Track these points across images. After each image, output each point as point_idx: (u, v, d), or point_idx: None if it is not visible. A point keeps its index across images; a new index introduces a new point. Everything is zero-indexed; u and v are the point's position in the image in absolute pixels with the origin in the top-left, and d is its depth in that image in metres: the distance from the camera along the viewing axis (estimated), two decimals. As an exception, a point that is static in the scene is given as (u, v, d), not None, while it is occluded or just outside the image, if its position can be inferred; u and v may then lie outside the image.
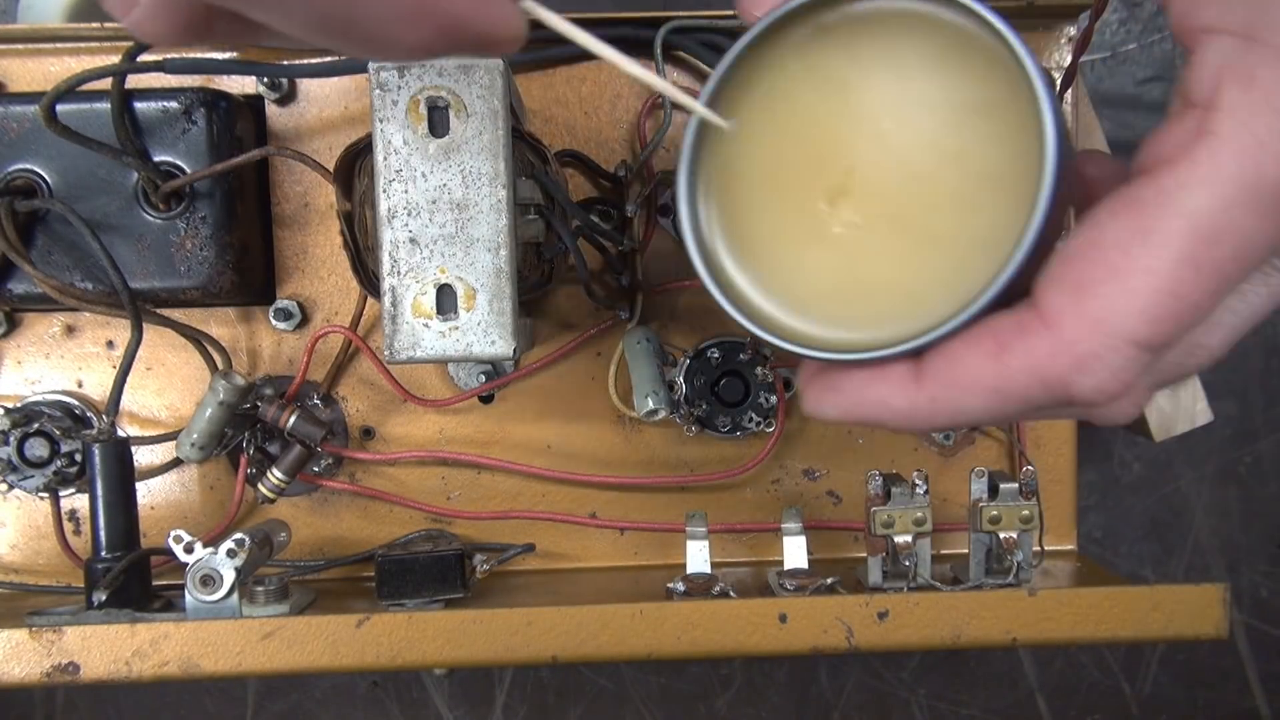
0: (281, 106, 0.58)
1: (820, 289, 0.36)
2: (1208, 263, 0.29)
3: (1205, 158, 0.29)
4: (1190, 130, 0.29)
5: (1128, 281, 0.29)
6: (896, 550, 0.52)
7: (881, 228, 0.35)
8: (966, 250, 0.33)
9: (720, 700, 0.70)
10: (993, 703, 0.71)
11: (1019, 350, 0.30)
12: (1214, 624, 0.48)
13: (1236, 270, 0.29)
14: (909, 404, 0.33)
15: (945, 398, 0.32)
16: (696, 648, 0.48)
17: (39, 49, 0.57)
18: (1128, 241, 0.29)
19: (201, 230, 0.53)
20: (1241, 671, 0.71)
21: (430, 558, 0.53)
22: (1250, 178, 0.28)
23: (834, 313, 0.36)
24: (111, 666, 0.48)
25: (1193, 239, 0.29)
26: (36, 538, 0.60)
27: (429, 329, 0.47)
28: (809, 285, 0.36)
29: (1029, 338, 0.30)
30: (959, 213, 0.34)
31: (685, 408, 0.58)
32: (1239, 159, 0.29)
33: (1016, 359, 0.30)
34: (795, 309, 0.36)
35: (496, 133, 0.46)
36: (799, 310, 0.36)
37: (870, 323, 0.35)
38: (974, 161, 0.33)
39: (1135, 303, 0.29)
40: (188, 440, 0.55)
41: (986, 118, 0.33)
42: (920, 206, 0.34)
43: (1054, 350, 0.30)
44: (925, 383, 0.32)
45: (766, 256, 0.37)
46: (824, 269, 0.36)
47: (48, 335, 0.59)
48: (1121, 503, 0.70)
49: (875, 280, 0.35)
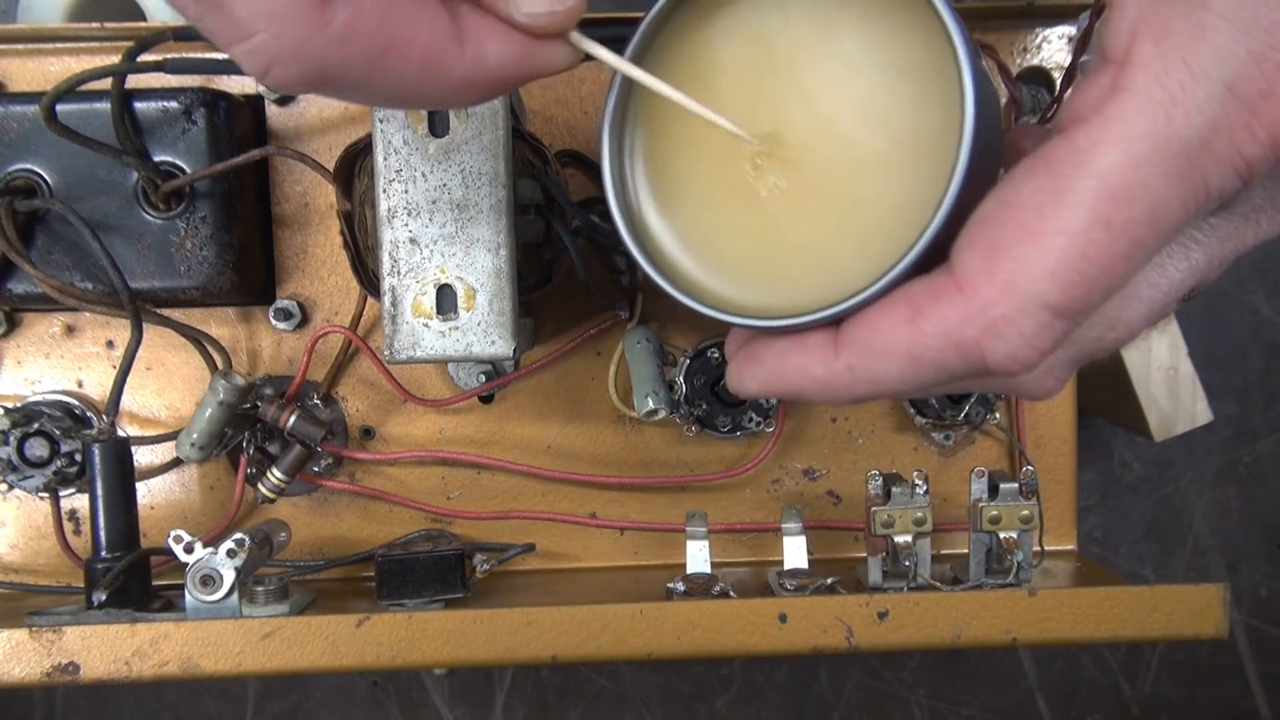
0: (281, 106, 0.58)
1: (744, 252, 0.35)
2: (1119, 223, 0.28)
3: (1117, 114, 0.28)
4: (1105, 87, 0.29)
5: (1039, 242, 0.28)
6: (896, 550, 0.52)
7: (806, 191, 0.34)
8: (888, 215, 0.33)
9: (720, 700, 0.70)
10: (993, 703, 0.71)
11: (933, 315, 0.30)
12: (1214, 624, 0.48)
13: (1149, 234, 0.29)
14: (827, 372, 0.32)
15: (862, 366, 0.31)
16: (696, 648, 0.48)
17: (39, 49, 0.57)
18: (1040, 202, 0.29)
19: (201, 230, 0.53)
20: (1241, 671, 0.71)
21: (430, 558, 0.53)
22: (1162, 135, 0.28)
23: (756, 277, 0.35)
24: (111, 666, 0.48)
25: (1104, 198, 0.28)
26: (36, 538, 0.60)
27: (429, 329, 0.47)
28: (733, 248, 0.35)
29: (943, 303, 0.30)
30: (882, 177, 0.33)
31: (685, 408, 0.58)
32: (1151, 115, 0.28)
33: (931, 324, 0.30)
34: (718, 271, 0.35)
35: (496, 133, 0.46)
36: (722, 273, 0.35)
37: (791, 289, 0.34)
38: (898, 125, 0.33)
39: (1046, 264, 0.28)
40: (188, 440, 0.55)
41: (911, 80, 0.33)
42: (844, 170, 0.33)
43: (967, 314, 0.29)
44: (843, 351, 0.32)
45: (692, 218, 0.36)
46: (749, 232, 0.35)
47: (48, 335, 0.59)
48: (1121, 503, 0.70)
49: (797, 244, 0.34)
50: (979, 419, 0.58)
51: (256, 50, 0.30)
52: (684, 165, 0.36)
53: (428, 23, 0.31)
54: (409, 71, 0.31)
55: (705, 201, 0.36)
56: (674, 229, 0.36)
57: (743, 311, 0.34)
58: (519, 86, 0.34)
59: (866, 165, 0.33)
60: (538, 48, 0.33)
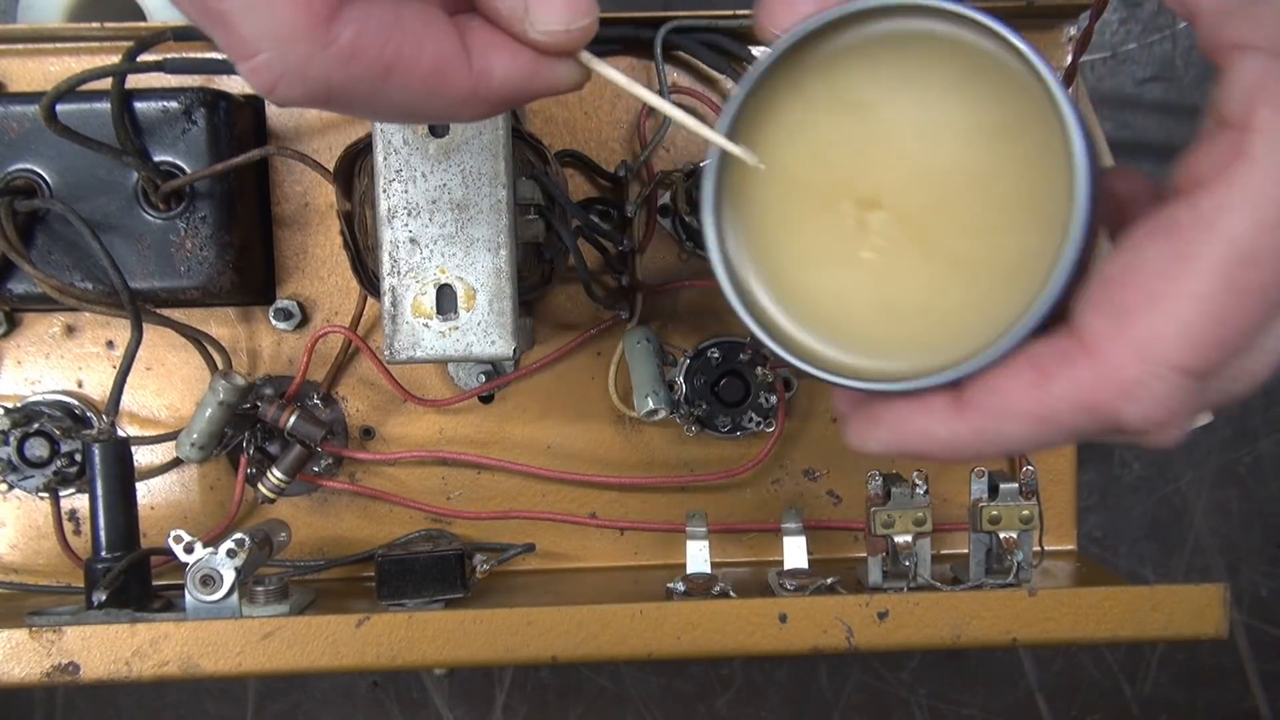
0: (281, 106, 0.57)
1: (851, 315, 0.35)
2: (1248, 287, 0.29)
3: (1241, 181, 0.29)
4: (1225, 152, 0.29)
5: (1170, 307, 0.29)
6: (896, 550, 0.52)
7: (910, 252, 0.34)
8: (997, 274, 0.33)
9: (720, 700, 0.70)
10: (993, 703, 0.71)
11: (1062, 379, 0.30)
12: (1214, 624, 0.48)
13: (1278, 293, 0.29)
14: (951, 434, 0.32)
15: (990, 429, 0.32)
16: (696, 648, 0.48)
17: (39, 49, 0.57)
18: (1167, 266, 0.29)
19: (201, 230, 0.53)
20: (1241, 671, 0.71)
21: (430, 558, 0.53)
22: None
23: (867, 340, 0.35)
24: (111, 666, 0.48)
25: (1233, 263, 0.29)
26: (36, 538, 0.60)
27: (429, 329, 0.47)
28: (840, 312, 0.36)
29: (1072, 366, 0.30)
30: (988, 236, 0.33)
31: (685, 408, 0.58)
32: (1275, 181, 0.29)
33: (1060, 388, 0.30)
34: (827, 336, 0.36)
35: (496, 133, 0.46)
36: (831, 337, 0.36)
37: (904, 350, 0.35)
38: (1001, 184, 0.33)
39: (1178, 329, 0.29)
40: (188, 440, 0.55)
41: (1012, 140, 0.33)
42: (948, 230, 0.34)
43: (1098, 378, 0.30)
44: (968, 414, 0.32)
45: (797, 284, 0.36)
46: (854, 295, 0.35)
47: (48, 335, 0.59)
48: (1121, 503, 0.70)
49: (906, 305, 0.35)
50: (979, 419, 0.58)
51: (261, 68, 0.30)
52: (784, 230, 0.36)
53: (434, 39, 0.31)
54: (414, 88, 0.31)
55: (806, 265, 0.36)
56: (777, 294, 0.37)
57: (860, 375, 0.35)
58: (526, 104, 0.34)
59: (973, 226, 0.34)
60: (546, 65, 0.33)
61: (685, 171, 0.56)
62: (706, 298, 0.59)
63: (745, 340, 0.58)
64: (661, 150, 0.58)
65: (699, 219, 0.37)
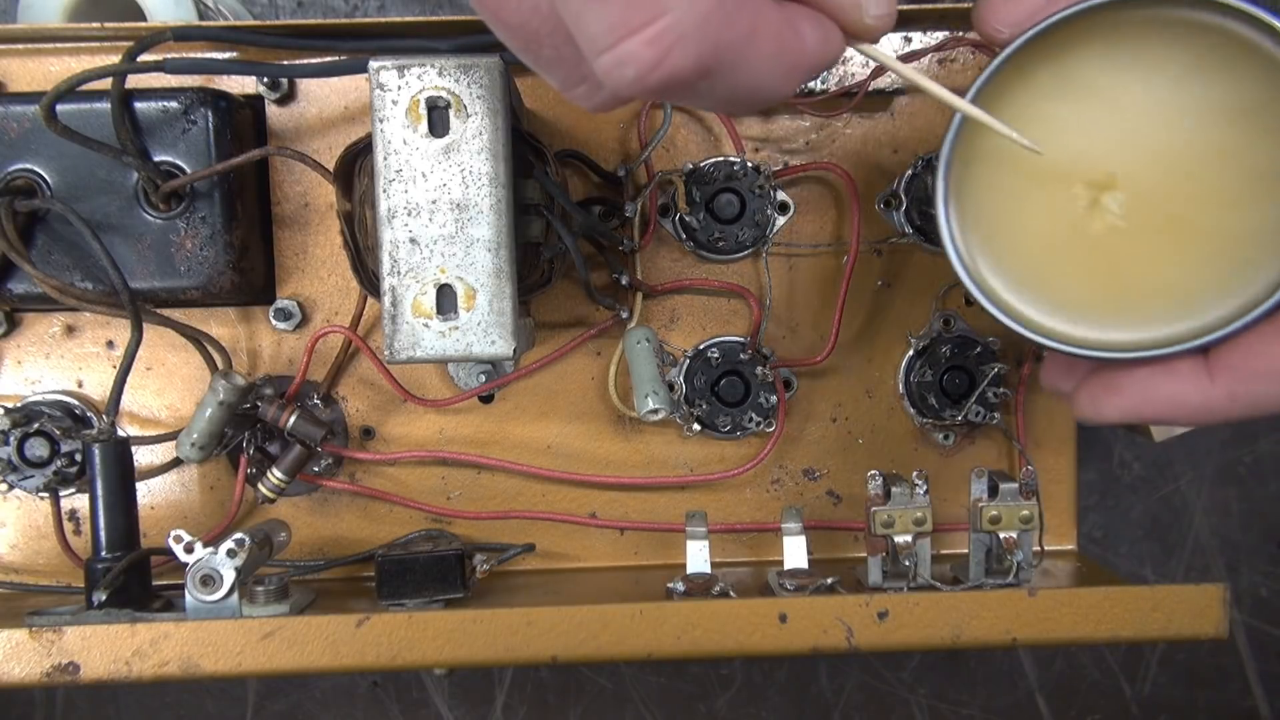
0: (281, 106, 0.58)
1: (1082, 290, 0.37)
2: None
3: None
4: None
5: None
6: (896, 550, 0.52)
7: (1146, 228, 0.36)
8: (1241, 245, 0.34)
9: (720, 700, 0.70)
10: (993, 703, 0.71)
11: None
12: (1214, 624, 0.48)
13: None
14: (1204, 398, 0.34)
15: (1244, 391, 0.33)
16: (696, 648, 0.48)
17: (39, 49, 0.57)
18: None
19: (201, 230, 0.53)
20: (1241, 671, 0.71)
21: (430, 558, 0.53)
22: None
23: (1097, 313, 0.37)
24: (111, 666, 0.48)
25: None
26: (36, 538, 0.60)
27: (429, 329, 0.47)
28: (1070, 287, 0.37)
29: None
30: (1229, 209, 0.35)
31: (685, 408, 0.58)
32: None
33: None
34: (1053, 311, 0.37)
35: (496, 133, 0.46)
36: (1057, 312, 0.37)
37: (1138, 321, 0.36)
38: (1242, 159, 0.34)
39: None
40: (188, 440, 0.55)
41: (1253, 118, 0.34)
42: (1186, 205, 0.35)
43: None
44: (1220, 376, 0.33)
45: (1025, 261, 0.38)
46: (1085, 271, 0.37)
47: (48, 335, 0.59)
48: (1121, 503, 0.69)
49: (1140, 279, 0.36)
50: (979, 419, 0.58)
51: (665, 31, 0.28)
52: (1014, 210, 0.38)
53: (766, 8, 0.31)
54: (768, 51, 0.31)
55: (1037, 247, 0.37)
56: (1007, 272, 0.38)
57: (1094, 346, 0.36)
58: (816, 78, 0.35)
59: (1209, 199, 0.35)
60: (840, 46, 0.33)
61: (684, 171, 0.56)
62: (707, 298, 0.59)
63: (745, 340, 0.58)
64: (661, 150, 0.58)
65: (933, 208, 0.38)
